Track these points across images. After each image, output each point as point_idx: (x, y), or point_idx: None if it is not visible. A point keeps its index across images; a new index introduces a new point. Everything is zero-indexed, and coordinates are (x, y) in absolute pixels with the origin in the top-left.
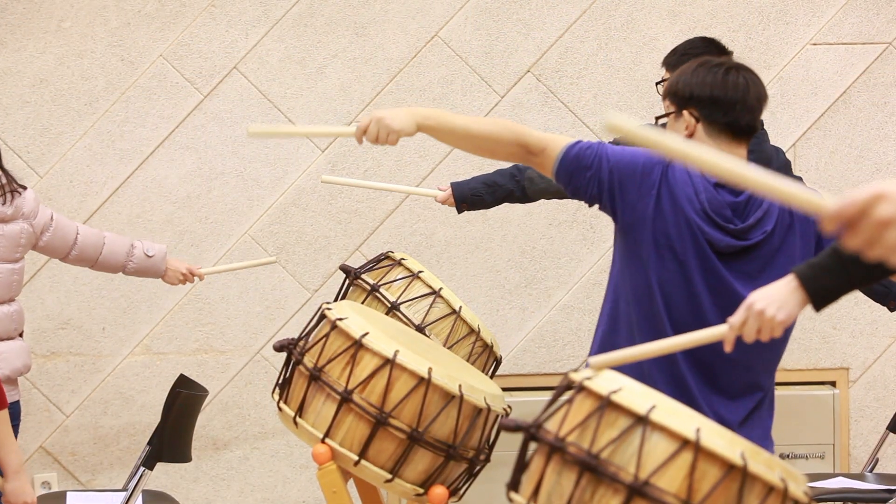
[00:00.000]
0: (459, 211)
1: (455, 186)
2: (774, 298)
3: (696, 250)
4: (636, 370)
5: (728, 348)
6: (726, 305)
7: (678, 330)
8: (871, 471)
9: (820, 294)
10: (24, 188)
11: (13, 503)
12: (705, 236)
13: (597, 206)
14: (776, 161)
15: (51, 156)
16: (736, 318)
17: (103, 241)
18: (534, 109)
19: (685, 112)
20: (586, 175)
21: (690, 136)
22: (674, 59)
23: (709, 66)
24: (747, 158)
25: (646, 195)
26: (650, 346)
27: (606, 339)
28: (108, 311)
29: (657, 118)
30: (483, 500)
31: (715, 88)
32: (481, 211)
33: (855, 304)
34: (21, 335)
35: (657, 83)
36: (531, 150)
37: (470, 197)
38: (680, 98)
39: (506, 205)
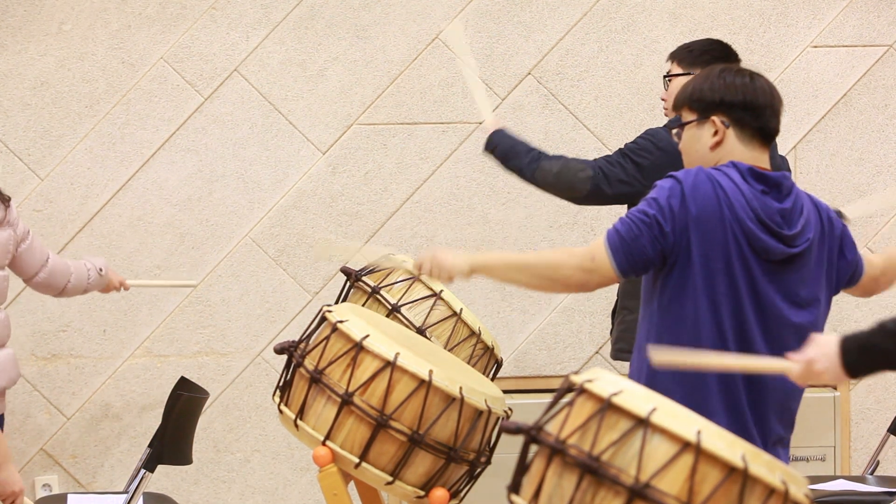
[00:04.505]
0: (485, 149)
1: (496, 134)
2: (829, 358)
3: (742, 260)
4: (690, 387)
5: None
6: (768, 324)
7: (727, 347)
8: (871, 473)
9: (853, 368)
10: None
11: (2, 493)
12: (760, 243)
13: (665, 261)
14: (782, 169)
15: (51, 158)
16: (795, 368)
17: (70, 270)
18: (534, 112)
19: (713, 118)
20: (642, 242)
21: (720, 142)
22: (688, 57)
23: (733, 71)
24: None
25: (692, 219)
26: (713, 358)
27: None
28: (108, 314)
29: (670, 128)
30: (483, 503)
31: (747, 93)
32: (482, 213)
33: (856, 307)
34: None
35: (666, 76)
36: (585, 266)
37: (497, 151)
38: (707, 104)
39: (506, 207)
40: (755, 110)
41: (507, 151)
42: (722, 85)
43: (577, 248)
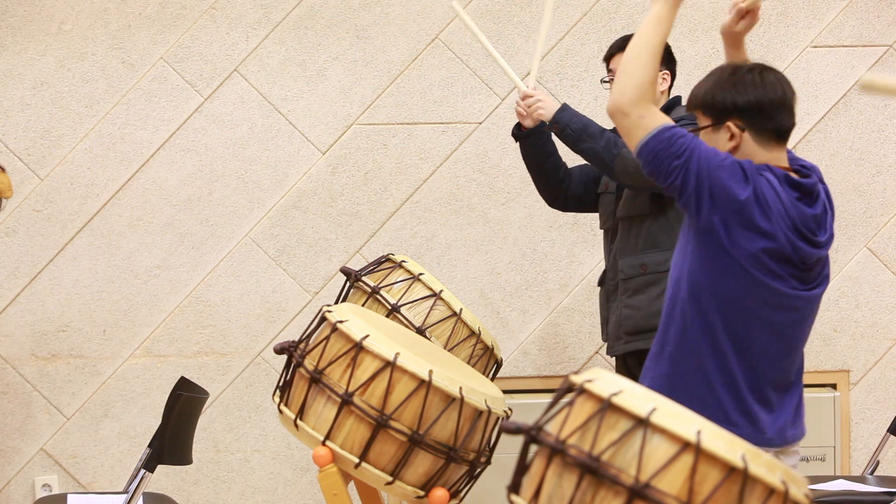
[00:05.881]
0: (547, 127)
1: (566, 113)
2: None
3: (784, 267)
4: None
5: None
6: (792, 320)
7: (756, 346)
8: (871, 473)
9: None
10: None
11: None
12: (799, 253)
13: (675, 195)
14: None
15: (51, 158)
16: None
17: None
18: None
19: (728, 123)
20: (673, 163)
21: (736, 147)
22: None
23: (742, 71)
24: None
25: (747, 207)
26: None
27: (681, 337)
28: (108, 314)
29: (692, 131)
30: (483, 503)
31: (758, 94)
32: (482, 213)
33: (856, 307)
34: None
35: (609, 80)
36: (646, 96)
37: (568, 130)
38: (719, 110)
39: (506, 207)
40: (769, 111)
41: (581, 132)
42: (733, 88)
43: (654, 108)
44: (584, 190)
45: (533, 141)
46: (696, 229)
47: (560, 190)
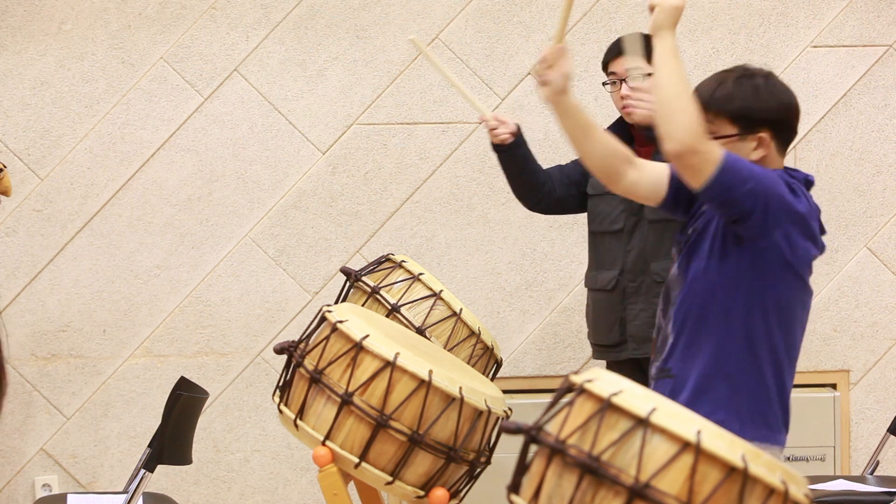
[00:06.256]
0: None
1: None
2: None
3: (811, 267)
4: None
5: None
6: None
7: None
8: (871, 473)
9: None
10: None
11: None
12: (822, 250)
13: (736, 221)
14: None
15: (51, 158)
16: None
17: None
18: (534, 112)
19: (762, 134)
20: (742, 189)
21: (765, 156)
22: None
23: (773, 82)
24: None
25: (807, 219)
26: None
27: (745, 357)
28: (108, 314)
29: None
30: (483, 503)
31: (792, 107)
32: (482, 213)
33: (856, 307)
34: None
35: (610, 84)
36: (703, 128)
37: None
38: (755, 120)
39: (506, 207)
40: (793, 119)
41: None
42: (769, 97)
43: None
44: (566, 192)
45: (514, 152)
46: (753, 248)
47: (542, 194)
